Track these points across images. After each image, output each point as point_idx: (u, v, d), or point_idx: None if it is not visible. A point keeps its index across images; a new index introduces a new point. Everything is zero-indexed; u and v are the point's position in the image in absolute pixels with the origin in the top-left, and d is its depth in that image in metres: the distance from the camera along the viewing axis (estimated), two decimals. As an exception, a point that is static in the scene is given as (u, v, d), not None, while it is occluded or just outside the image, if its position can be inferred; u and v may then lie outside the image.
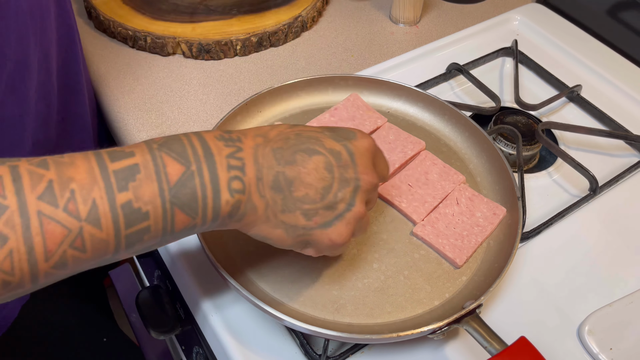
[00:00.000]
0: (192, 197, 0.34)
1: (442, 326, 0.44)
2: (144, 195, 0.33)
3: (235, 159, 0.36)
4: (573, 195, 0.62)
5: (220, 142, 0.36)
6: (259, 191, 0.37)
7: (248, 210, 0.37)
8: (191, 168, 0.34)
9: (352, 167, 0.40)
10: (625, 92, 0.73)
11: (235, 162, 0.36)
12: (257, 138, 0.38)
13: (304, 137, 0.39)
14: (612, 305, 0.52)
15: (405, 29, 0.82)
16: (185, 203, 0.34)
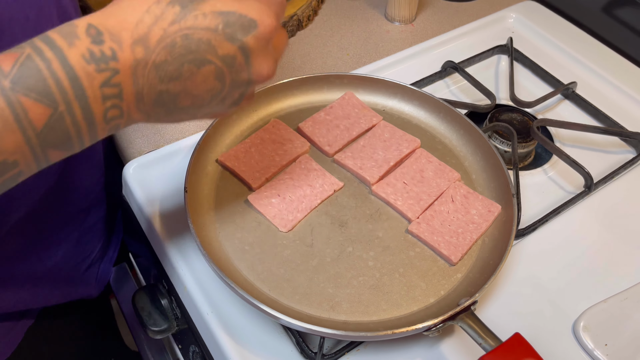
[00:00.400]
0: (65, 137, 0.32)
1: (436, 323, 0.45)
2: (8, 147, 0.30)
3: (111, 87, 0.32)
4: (568, 192, 0.63)
5: (91, 65, 0.31)
6: (139, 110, 0.35)
7: (128, 124, 0.35)
8: (59, 109, 0.31)
9: (246, 70, 0.36)
10: (620, 89, 0.73)
11: (111, 90, 0.32)
12: (137, 48, 0.33)
13: (193, 41, 0.34)
14: (607, 301, 0.52)
15: (401, 27, 0.82)
16: (58, 143, 0.32)
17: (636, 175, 0.64)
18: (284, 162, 0.58)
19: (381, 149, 0.60)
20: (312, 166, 0.58)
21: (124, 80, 0.33)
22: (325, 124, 0.62)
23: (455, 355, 0.49)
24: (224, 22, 0.35)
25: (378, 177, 0.57)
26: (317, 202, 0.55)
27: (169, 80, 0.34)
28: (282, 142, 0.60)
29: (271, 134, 0.60)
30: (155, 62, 0.33)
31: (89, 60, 0.31)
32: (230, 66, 0.35)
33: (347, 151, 0.60)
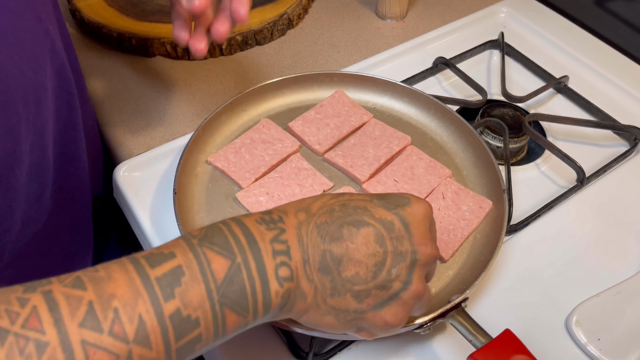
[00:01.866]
0: (241, 294, 0.31)
1: (427, 321, 0.44)
2: (192, 300, 0.30)
3: (280, 243, 0.33)
4: (561, 186, 0.62)
5: (262, 225, 0.34)
6: (307, 275, 0.34)
7: (297, 298, 0.34)
8: (237, 261, 0.32)
9: (407, 239, 0.36)
10: (612, 82, 0.73)
11: (280, 246, 0.33)
12: (300, 214, 0.35)
13: (350, 207, 0.36)
14: (600, 295, 0.52)
15: (392, 24, 0.82)
16: (235, 301, 0.31)
17: (629, 168, 0.64)
18: (274, 161, 0.58)
19: (372, 147, 0.60)
20: (303, 165, 0.58)
21: (290, 239, 0.34)
22: (315, 122, 0.62)
23: (447, 353, 0.49)
24: (378, 196, 0.38)
25: (368, 175, 0.57)
26: None
27: (331, 240, 0.34)
28: (272, 141, 0.59)
29: (261, 134, 0.60)
30: (316, 222, 0.35)
31: (260, 222, 0.34)
32: (389, 230, 0.36)
33: (338, 149, 0.60)
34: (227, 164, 0.57)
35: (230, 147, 0.58)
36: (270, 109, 0.64)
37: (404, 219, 0.36)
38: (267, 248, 0.33)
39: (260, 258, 0.32)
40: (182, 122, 0.66)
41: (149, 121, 0.66)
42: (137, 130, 0.65)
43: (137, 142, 0.64)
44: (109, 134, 0.65)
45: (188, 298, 0.30)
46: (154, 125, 0.66)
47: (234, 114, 0.62)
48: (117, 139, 0.65)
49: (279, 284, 0.33)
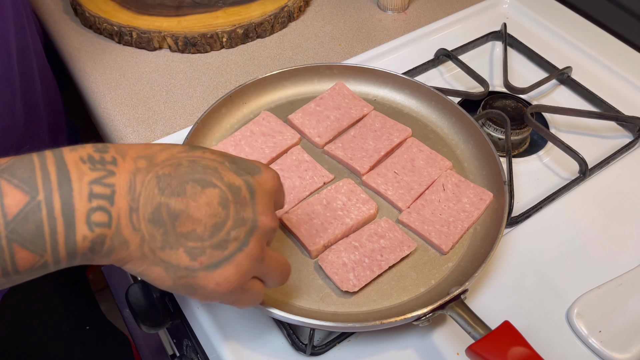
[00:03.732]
0: (37, 233, 0.29)
1: (426, 313, 0.44)
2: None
3: (102, 186, 0.31)
4: (563, 178, 0.62)
5: (86, 165, 0.31)
6: (132, 224, 0.32)
7: (116, 245, 0.32)
8: (37, 198, 0.29)
9: (250, 206, 0.35)
10: (616, 72, 0.72)
11: (102, 189, 0.31)
12: (140, 161, 0.33)
13: (199, 165, 0.34)
14: (602, 287, 0.51)
15: (394, 16, 0.81)
16: (28, 239, 0.29)
17: (632, 160, 0.64)
18: (274, 154, 0.58)
19: (372, 139, 0.59)
20: (304, 157, 0.57)
21: (119, 184, 0.31)
22: (315, 115, 0.61)
23: (446, 345, 0.48)
24: (230, 159, 0.37)
25: (368, 167, 0.57)
26: (306, 194, 0.55)
27: (171, 194, 0.32)
28: (272, 134, 0.59)
29: (261, 127, 0.60)
30: (158, 174, 0.33)
31: (86, 160, 0.31)
32: (235, 195, 0.35)
33: (338, 142, 0.59)
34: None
35: (230, 140, 0.58)
36: (271, 102, 0.64)
37: (252, 186, 0.36)
38: (82, 189, 0.30)
39: (69, 199, 0.30)
40: (183, 115, 0.66)
41: (150, 114, 0.66)
42: (138, 123, 0.65)
43: (138, 135, 0.64)
44: (109, 127, 0.65)
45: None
46: (154, 118, 0.66)
47: (234, 106, 0.62)
48: (118, 132, 0.65)
49: (89, 228, 0.30)
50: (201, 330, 0.50)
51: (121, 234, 0.31)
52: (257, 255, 0.36)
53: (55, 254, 0.30)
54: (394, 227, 0.52)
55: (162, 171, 0.33)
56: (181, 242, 0.33)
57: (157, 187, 0.32)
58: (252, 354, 0.47)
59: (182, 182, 0.33)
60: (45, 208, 0.29)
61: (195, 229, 0.33)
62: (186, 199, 0.33)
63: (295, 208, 0.53)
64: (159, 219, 0.32)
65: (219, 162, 0.36)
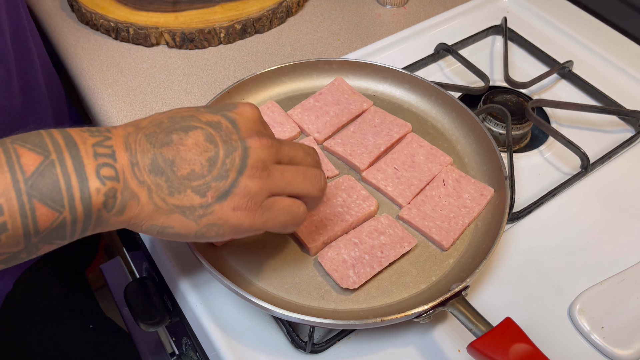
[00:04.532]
0: (54, 187, 0.31)
1: (427, 309, 0.44)
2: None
3: (103, 147, 0.33)
4: (565, 173, 0.61)
5: (86, 133, 0.34)
6: (137, 177, 0.34)
7: (128, 200, 0.34)
8: (50, 157, 0.31)
9: (235, 133, 0.37)
10: (617, 66, 0.72)
11: (103, 149, 0.33)
12: (128, 127, 0.36)
13: (177, 117, 0.37)
14: (604, 283, 0.51)
15: (393, 11, 0.81)
16: (46, 194, 0.31)
17: (634, 154, 0.63)
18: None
19: (371, 135, 0.59)
20: None
21: (117, 144, 0.34)
22: (314, 110, 0.61)
23: (447, 342, 0.48)
24: (204, 107, 0.39)
25: (368, 163, 0.56)
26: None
27: (161, 145, 0.35)
28: (273, 124, 0.59)
29: (264, 115, 0.59)
30: (145, 133, 0.35)
31: (85, 130, 0.34)
32: (217, 129, 0.36)
33: (337, 138, 0.59)
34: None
35: None
36: (269, 97, 0.63)
37: (231, 118, 0.37)
38: (87, 150, 0.33)
39: (78, 157, 0.32)
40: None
41: (147, 111, 0.66)
42: (135, 121, 0.65)
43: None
44: (107, 124, 0.65)
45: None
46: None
47: (232, 102, 0.61)
48: (116, 130, 0.64)
49: (101, 182, 0.32)
50: (200, 328, 0.50)
51: (129, 187, 0.33)
52: (259, 173, 0.37)
53: (72, 209, 0.32)
54: (394, 224, 0.51)
55: (149, 130, 0.36)
56: (185, 184, 0.35)
57: (148, 142, 0.35)
58: (251, 352, 0.47)
59: (167, 133, 0.35)
60: (59, 165, 0.31)
61: (193, 168, 0.35)
62: (175, 145, 0.35)
63: None
64: (158, 168, 0.34)
65: (194, 109, 0.38)
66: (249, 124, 0.38)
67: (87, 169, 0.32)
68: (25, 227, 0.31)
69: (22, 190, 0.30)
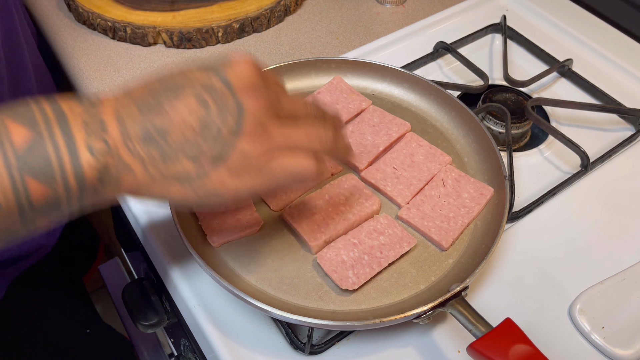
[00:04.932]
0: (45, 162, 0.30)
1: (426, 310, 0.44)
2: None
3: (94, 117, 0.32)
4: (565, 172, 0.61)
5: (75, 103, 0.33)
6: (129, 148, 0.33)
7: (122, 173, 0.33)
8: (40, 131, 0.31)
9: (230, 95, 0.34)
10: (617, 64, 0.71)
11: (93, 120, 0.32)
12: (118, 95, 0.35)
13: (167, 79, 0.35)
14: (604, 282, 0.51)
15: (392, 9, 0.80)
16: (38, 169, 0.30)
17: (634, 152, 0.63)
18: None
19: (370, 134, 0.58)
20: None
21: (106, 113, 0.33)
22: (312, 110, 0.60)
23: (447, 342, 0.48)
24: (196, 63, 0.36)
25: (367, 162, 0.56)
26: (312, 184, 0.54)
27: (150, 112, 0.33)
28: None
29: None
30: (135, 100, 0.34)
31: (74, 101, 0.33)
32: (209, 90, 0.34)
33: (336, 137, 0.58)
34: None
35: None
36: (267, 97, 0.63)
37: (225, 77, 0.35)
38: (77, 121, 0.32)
39: (68, 129, 0.31)
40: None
41: (145, 111, 0.65)
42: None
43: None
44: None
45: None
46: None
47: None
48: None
49: (92, 154, 0.32)
50: (198, 329, 0.49)
51: (122, 159, 0.32)
52: (255, 132, 0.34)
53: (65, 184, 0.31)
54: (393, 224, 0.51)
55: (139, 96, 0.34)
56: (178, 151, 0.33)
57: (137, 110, 0.33)
58: (249, 353, 0.47)
59: (156, 97, 0.34)
60: (49, 139, 0.31)
61: (184, 134, 0.33)
62: (164, 110, 0.33)
63: (296, 203, 0.52)
64: (150, 137, 0.33)
65: (185, 69, 0.36)
66: (244, 81, 0.35)
67: (78, 143, 0.31)
68: (19, 203, 0.30)
69: (14, 166, 0.30)
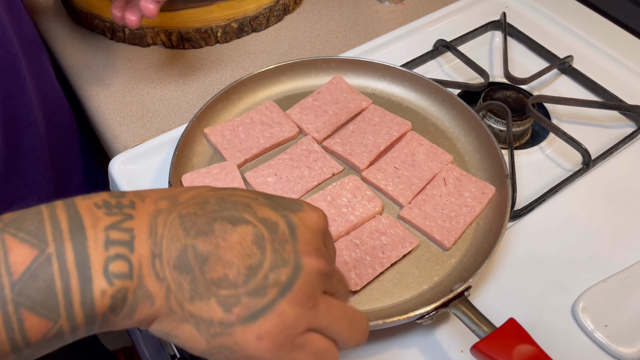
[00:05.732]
0: (48, 292, 0.25)
1: (429, 311, 0.43)
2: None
3: (121, 231, 0.27)
4: (566, 169, 0.61)
5: (101, 209, 0.27)
6: (156, 272, 0.27)
7: (140, 301, 0.27)
8: (47, 251, 0.25)
9: (291, 244, 0.30)
10: (618, 60, 0.71)
11: (120, 235, 0.27)
12: (161, 202, 0.29)
13: (229, 202, 0.30)
14: (607, 281, 0.51)
15: (391, 7, 0.80)
16: (38, 301, 0.25)
17: (636, 149, 0.63)
18: (267, 144, 0.57)
19: (371, 134, 0.58)
20: (314, 148, 0.57)
21: (139, 227, 0.27)
22: (313, 109, 0.60)
23: (450, 343, 0.48)
24: (265, 195, 0.32)
25: (368, 162, 0.56)
26: (314, 184, 0.54)
27: (197, 234, 0.28)
28: (271, 124, 0.58)
29: (262, 115, 0.59)
30: (181, 213, 0.28)
31: (101, 205, 0.27)
32: (272, 231, 0.29)
33: (336, 137, 0.58)
34: (221, 140, 0.56)
35: (228, 124, 0.58)
36: (267, 97, 0.62)
37: (292, 222, 0.30)
38: (98, 236, 0.26)
39: (83, 248, 0.26)
40: (178, 113, 0.65)
41: (144, 112, 0.65)
42: (132, 122, 0.64)
43: (132, 134, 0.63)
44: (103, 126, 0.64)
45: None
46: (149, 116, 0.65)
47: (230, 103, 0.60)
48: (112, 131, 0.63)
49: (108, 282, 0.26)
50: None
51: (144, 285, 0.27)
52: (304, 301, 0.29)
53: (70, 317, 0.26)
54: (395, 224, 0.51)
55: (187, 210, 0.29)
56: (212, 290, 0.28)
57: (181, 227, 0.28)
58: (252, 355, 0.46)
59: (209, 220, 0.29)
60: (57, 261, 0.25)
61: (228, 273, 0.28)
62: (215, 238, 0.28)
63: None
64: (186, 264, 0.28)
65: (252, 198, 0.31)
66: (310, 236, 0.31)
67: (93, 265, 0.26)
68: (12, 341, 0.25)
69: (8, 298, 0.25)
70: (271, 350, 0.29)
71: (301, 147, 0.56)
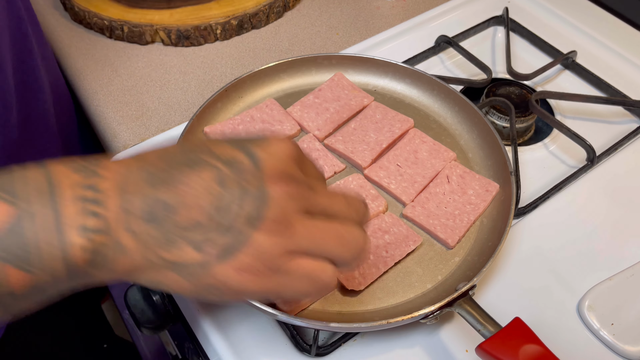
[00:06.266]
0: (23, 247, 0.26)
1: (433, 311, 0.43)
2: None
3: (91, 189, 0.28)
4: (570, 166, 0.60)
5: (74, 171, 0.28)
6: (128, 226, 0.28)
7: (116, 255, 0.28)
8: (22, 206, 0.27)
9: (256, 176, 0.30)
10: (622, 55, 0.70)
11: (92, 193, 0.28)
12: (127, 160, 0.30)
13: (189, 148, 0.30)
14: (613, 279, 0.50)
15: (392, 3, 0.79)
16: (15, 254, 0.26)
17: (641, 145, 0.62)
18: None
19: (373, 131, 0.58)
20: (315, 146, 0.56)
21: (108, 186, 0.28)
22: (314, 107, 0.60)
23: (455, 343, 0.47)
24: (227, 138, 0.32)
25: (370, 160, 0.55)
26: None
27: (160, 184, 0.29)
28: (272, 122, 0.58)
29: (262, 113, 0.58)
30: (149, 170, 0.29)
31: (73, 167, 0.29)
32: (234, 168, 0.29)
33: (338, 135, 0.58)
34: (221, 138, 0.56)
35: (229, 122, 0.57)
36: (268, 95, 0.62)
37: (253, 154, 0.30)
38: (70, 193, 0.27)
39: (56, 205, 0.27)
40: (177, 111, 0.64)
41: (144, 110, 0.64)
42: (132, 121, 0.63)
43: (132, 133, 0.62)
44: (102, 125, 0.64)
45: None
46: (148, 114, 0.64)
47: (230, 101, 0.60)
48: (111, 130, 0.63)
49: (83, 236, 0.27)
50: (202, 332, 0.49)
51: (117, 239, 0.28)
52: (277, 228, 0.29)
53: (50, 269, 0.27)
54: (398, 222, 0.50)
55: (154, 166, 0.30)
56: (182, 235, 0.29)
57: (146, 181, 0.29)
58: (254, 356, 0.46)
59: (168, 168, 0.29)
60: (35, 218, 0.27)
61: (196, 217, 0.29)
62: (175, 185, 0.29)
63: None
64: (155, 216, 0.28)
65: (213, 141, 0.32)
66: (276, 163, 0.30)
67: (67, 220, 0.27)
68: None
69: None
70: (254, 281, 0.30)
71: (302, 145, 0.56)
